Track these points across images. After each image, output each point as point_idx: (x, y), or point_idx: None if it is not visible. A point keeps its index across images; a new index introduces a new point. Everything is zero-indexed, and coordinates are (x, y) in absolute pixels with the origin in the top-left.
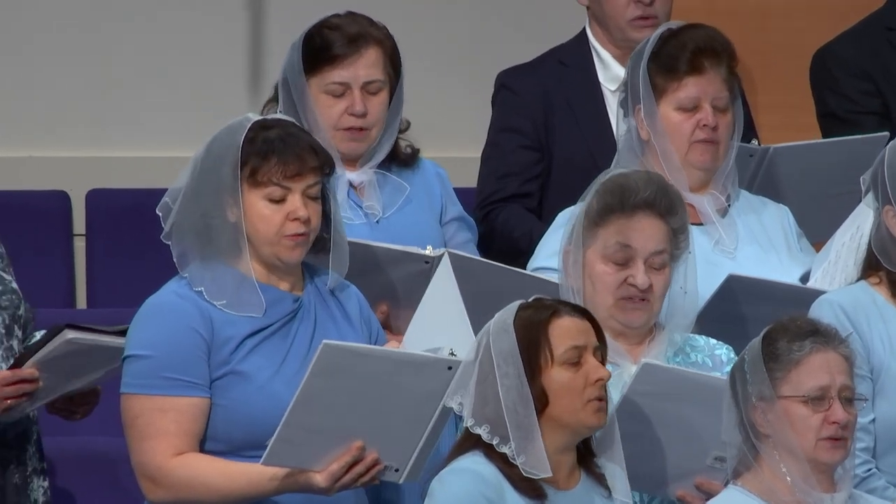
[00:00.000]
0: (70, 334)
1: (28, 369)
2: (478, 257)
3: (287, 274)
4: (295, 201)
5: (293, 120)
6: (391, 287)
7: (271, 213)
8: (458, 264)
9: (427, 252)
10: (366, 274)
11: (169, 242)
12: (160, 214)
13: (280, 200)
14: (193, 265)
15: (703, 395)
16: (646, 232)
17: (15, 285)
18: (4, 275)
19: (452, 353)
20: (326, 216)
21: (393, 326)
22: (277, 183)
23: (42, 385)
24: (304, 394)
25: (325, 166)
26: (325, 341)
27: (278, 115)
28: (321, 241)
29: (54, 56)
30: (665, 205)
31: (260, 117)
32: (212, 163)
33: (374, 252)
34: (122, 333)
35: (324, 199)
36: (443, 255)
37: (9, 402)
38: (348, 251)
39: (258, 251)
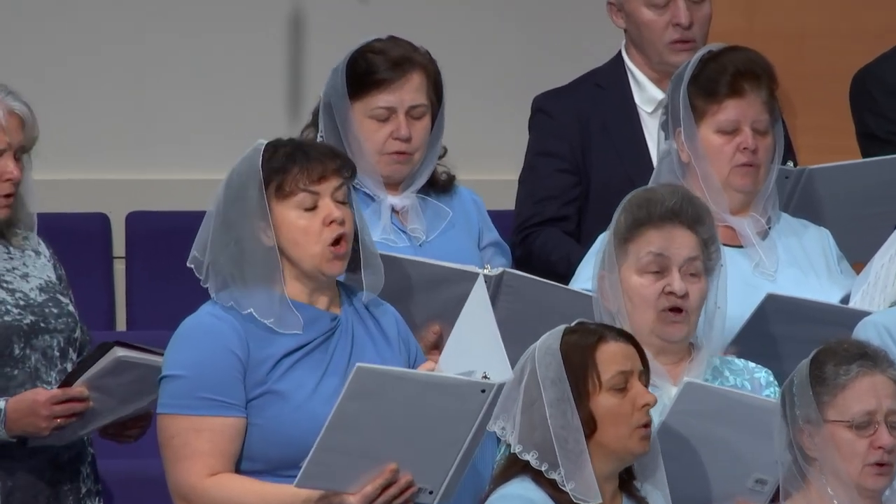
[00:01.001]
0: (120, 352)
1: (78, 388)
2: (534, 276)
3: (324, 292)
4: (327, 205)
5: (303, 139)
6: (444, 307)
7: (307, 223)
8: (514, 283)
9: (486, 271)
10: (417, 292)
11: (208, 285)
12: (192, 266)
13: (312, 208)
14: (237, 291)
15: (746, 416)
16: (677, 240)
17: (72, 308)
18: (62, 297)
19: (486, 377)
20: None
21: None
22: (305, 189)
23: (92, 405)
24: (338, 416)
25: (345, 168)
26: (358, 364)
27: (290, 137)
28: (354, 258)
29: (94, 79)
30: (692, 214)
31: (271, 140)
32: (235, 192)
33: (428, 270)
34: None
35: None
36: (501, 273)
37: (59, 421)
38: (382, 267)
39: (300, 267)
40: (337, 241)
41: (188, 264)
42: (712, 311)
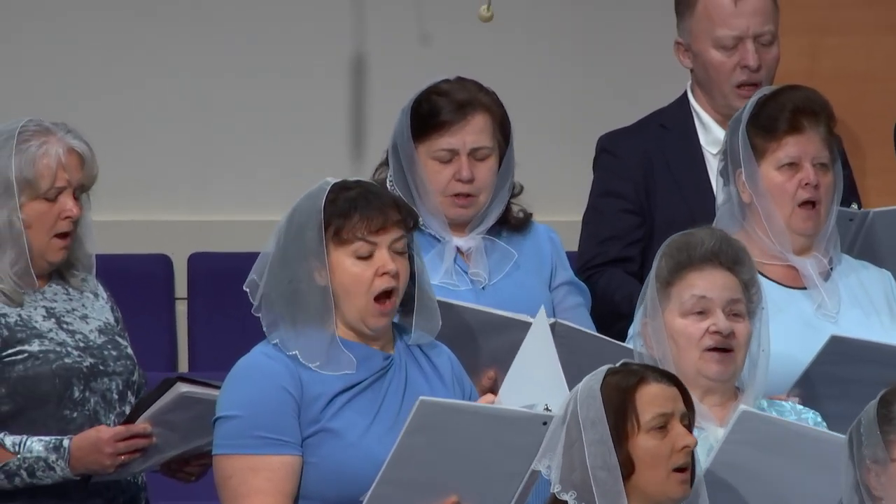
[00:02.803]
0: (183, 388)
1: (141, 424)
2: (581, 328)
3: (377, 335)
4: (382, 256)
5: (374, 182)
6: (499, 352)
7: (360, 271)
8: (566, 334)
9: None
10: (474, 338)
11: (259, 315)
12: (248, 291)
13: (367, 257)
14: (284, 331)
15: (803, 447)
16: (718, 282)
17: (130, 351)
18: (120, 340)
19: (547, 409)
20: (412, 274)
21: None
22: (363, 238)
23: (155, 441)
24: (400, 450)
25: (408, 219)
26: (421, 397)
27: (358, 178)
28: (409, 300)
29: (158, 120)
30: (731, 256)
31: (338, 180)
32: (295, 229)
33: (482, 317)
34: None
35: (409, 256)
36: (553, 324)
37: (122, 458)
38: (439, 310)
39: (345, 315)
40: (385, 295)
41: (244, 287)
42: (756, 355)
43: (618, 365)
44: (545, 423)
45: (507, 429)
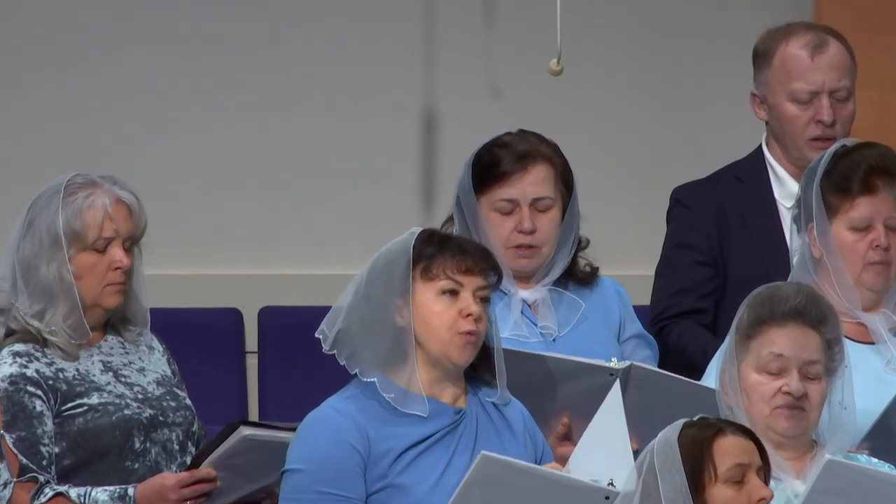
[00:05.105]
0: (246, 431)
1: (205, 469)
2: (661, 370)
3: (450, 385)
4: (467, 298)
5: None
6: (574, 399)
7: (444, 308)
8: (643, 377)
9: (612, 364)
10: (548, 385)
11: (334, 352)
12: (320, 338)
13: (452, 294)
14: (363, 361)
15: (890, 495)
16: (798, 341)
17: (188, 402)
18: (178, 391)
19: (612, 484)
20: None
21: (574, 438)
22: (450, 277)
23: (220, 485)
24: (458, 501)
25: (493, 272)
26: (483, 452)
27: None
28: (482, 358)
29: (227, 173)
30: (816, 314)
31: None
32: (382, 266)
33: (557, 364)
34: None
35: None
36: (629, 367)
37: (188, 503)
38: (505, 371)
39: (428, 351)
40: (469, 333)
41: (316, 335)
42: (838, 412)
43: (695, 419)
44: (608, 498)
45: (569, 497)
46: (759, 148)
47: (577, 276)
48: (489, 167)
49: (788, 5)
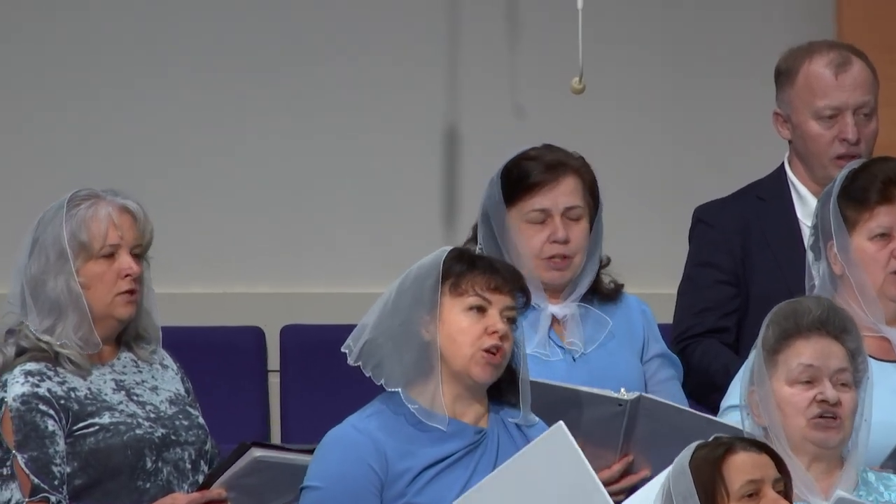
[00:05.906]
0: (257, 452)
1: (216, 489)
2: (669, 402)
3: (473, 403)
4: (494, 316)
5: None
6: (586, 426)
7: (469, 324)
8: (652, 408)
9: (620, 395)
10: (561, 412)
11: (360, 363)
12: (346, 352)
13: (480, 311)
14: (389, 370)
15: None
16: (825, 350)
17: (202, 420)
18: (192, 410)
19: None
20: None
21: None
22: (479, 293)
23: None
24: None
25: (522, 293)
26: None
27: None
28: (508, 377)
29: (248, 193)
30: (838, 324)
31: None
32: (411, 281)
33: (570, 394)
34: (310, 452)
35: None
36: (637, 398)
37: None
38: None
39: (451, 366)
40: (493, 352)
41: (342, 349)
42: (858, 425)
43: (710, 439)
44: None
45: None
46: (782, 167)
47: (602, 293)
48: (519, 179)
49: (810, 24)
